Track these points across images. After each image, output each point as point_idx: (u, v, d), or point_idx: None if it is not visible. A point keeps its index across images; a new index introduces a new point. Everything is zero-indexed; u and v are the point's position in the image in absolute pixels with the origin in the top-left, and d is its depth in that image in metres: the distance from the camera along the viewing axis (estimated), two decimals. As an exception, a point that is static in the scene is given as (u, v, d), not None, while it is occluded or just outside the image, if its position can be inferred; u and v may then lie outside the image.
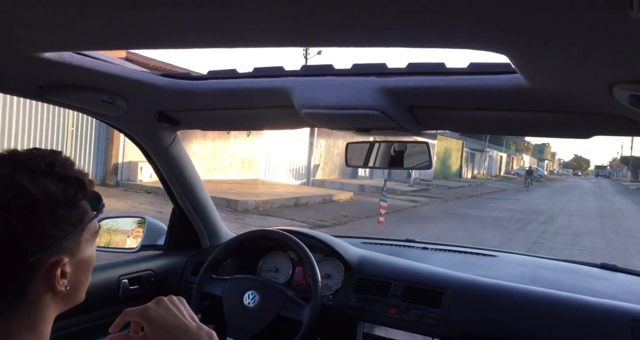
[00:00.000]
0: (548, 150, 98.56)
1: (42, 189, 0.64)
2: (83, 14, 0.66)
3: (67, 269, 0.67)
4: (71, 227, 0.67)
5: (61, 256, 0.66)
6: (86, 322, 1.49)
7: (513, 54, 0.71)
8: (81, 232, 0.69)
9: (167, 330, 0.80)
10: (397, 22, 0.60)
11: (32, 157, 0.67)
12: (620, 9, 0.49)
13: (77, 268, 0.70)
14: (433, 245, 2.07)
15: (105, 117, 1.45)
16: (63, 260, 0.66)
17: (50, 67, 0.97)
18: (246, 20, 0.64)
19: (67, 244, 0.67)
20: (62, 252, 0.66)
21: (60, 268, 0.66)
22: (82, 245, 0.70)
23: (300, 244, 1.58)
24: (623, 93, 0.79)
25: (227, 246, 1.69)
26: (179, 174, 1.74)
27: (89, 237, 0.72)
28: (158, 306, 0.82)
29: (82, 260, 0.70)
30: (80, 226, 0.68)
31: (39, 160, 0.67)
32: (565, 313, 1.37)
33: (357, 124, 1.24)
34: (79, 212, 0.68)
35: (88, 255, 0.72)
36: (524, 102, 1.02)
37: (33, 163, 0.66)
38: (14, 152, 0.69)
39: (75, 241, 0.68)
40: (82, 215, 0.69)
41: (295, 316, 1.50)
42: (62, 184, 0.66)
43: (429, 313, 1.49)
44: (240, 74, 1.22)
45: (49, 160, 0.67)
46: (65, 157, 0.70)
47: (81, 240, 0.70)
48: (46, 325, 0.68)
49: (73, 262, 0.69)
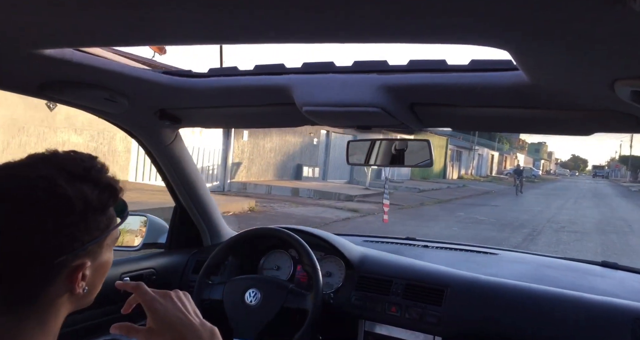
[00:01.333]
0: (544, 149, 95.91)
1: (79, 192, 0.65)
2: (84, 11, 0.66)
3: (87, 272, 0.68)
4: (98, 232, 0.68)
5: (85, 260, 0.67)
6: (87, 320, 1.49)
7: (514, 50, 0.71)
8: (105, 237, 0.70)
9: (171, 325, 0.81)
10: (398, 17, 0.60)
11: (71, 160, 0.69)
12: (622, 4, 0.49)
13: (95, 271, 0.71)
14: (434, 243, 2.07)
15: (106, 115, 1.45)
16: (86, 264, 0.67)
17: (52, 64, 0.97)
18: (247, 17, 0.64)
19: (91, 248, 0.68)
20: (86, 255, 0.67)
21: (82, 271, 0.67)
22: (104, 250, 0.71)
23: (302, 242, 1.58)
24: (625, 89, 0.79)
25: (225, 247, 1.68)
26: (180, 172, 1.74)
27: (110, 242, 0.73)
28: (164, 300, 0.83)
29: (101, 264, 0.72)
30: (107, 232, 0.70)
31: (78, 164, 0.68)
32: (566, 311, 1.37)
33: (358, 122, 1.24)
34: (107, 217, 0.69)
35: (106, 260, 0.73)
36: (525, 99, 1.02)
37: (73, 166, 0.67)
38: (55, 153, 0.70)
39: (99, 245, 0.70)
40: (109, 221, 0.70)
41: (299, 306, 1.50)
42: (97, 189, 0.67)
43: (430, 311, 1.49)
44: (241, 72, 1.21)
45: (87, 165, 0.68)
46: (102, 163, 0.72)
47: (104, 244, 0.71)
48: (56, 324, 0.69)
49: (94, 265, 0.70)
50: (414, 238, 2.18)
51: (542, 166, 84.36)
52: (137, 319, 1.83)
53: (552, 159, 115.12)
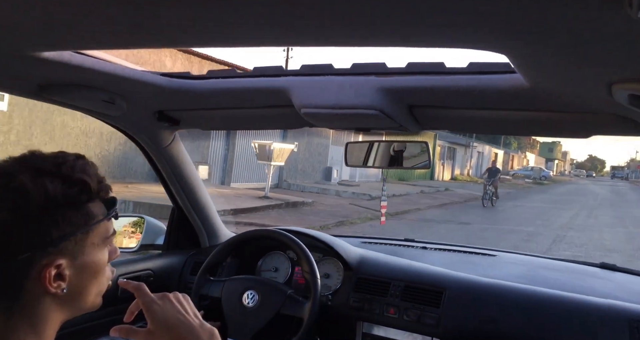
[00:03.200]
0: (558, 149, 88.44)
1: (40, 187, 0.64)
2: (83, 13, 0.66)
3: (66, 272, 0.67)
4: (71, 228, 0.66)
5: (56, 257, 0.66)
6: (85, 322, 1.49)
7: (512, 54, 0.71)
8: (85, 236, 0.68)
9: (170, 327, 0.81)
10: (397, 21, 0.60)
11: (43, 158, 0.69)
12: (619, 8, 0.49)
13: (79, 272, 0.69)
14: (432, 245, 2.07)
15: (105, 117, 1.44)
16: (56, 262, 0.65)
17: (50, 66, 0.97)
18: (245, 19, 0.64)
19: (66, 246, 0.66)
20: (59, 253, 0.66)
21: (57, 270, 0.66)
22: (87, 250, 0.70)
23: (300, 244, 1.58)
24: (622, 92, 0.79)
25: (225, 247, 1.68)
26: (178, 174, 1.74)
27: (98, 241, 0.71)
28: (163, 302, 0.83)
29: (85, 264, 0.70)
30: (83, 229, 0.68)
31: (49, 161, 0.68)
32: (564, 313, 1.37)
33: (357, 124, 1.24)
34: (81, 214, 0.68)
35: (94, 260, 0.71)
36: (523, 101, 1.02)
37: (41, 163, 0.67)
38: (34, 152, 0.70)
39: (78, 244, 0.68)
40: (87, 218, 0.68)
41: (295, 313, 1.50)
42: (66, 185, 0.66)
43: (428, 313, 1.49)
44: (240, 74, 1.22)
45: (58, 161, 0.68)
46: (79, 161, 0.70)
47: (85, 243, 0.69)
48: (48, 328, 0.68)
49: (74, 265, 0.68)
50: (413, 239, 2.18)
51: (555, 167, 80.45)
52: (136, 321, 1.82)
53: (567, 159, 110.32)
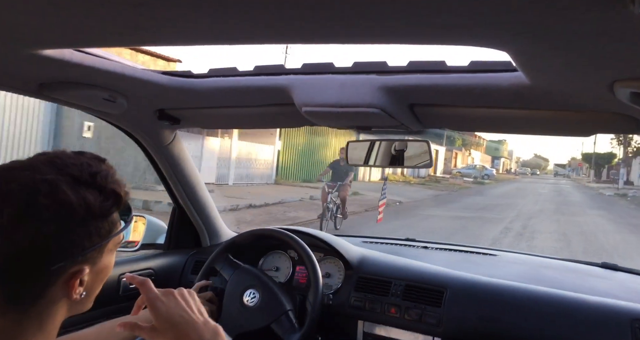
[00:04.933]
0: (504, 147, 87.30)
1: (82, 199, 0.64)
2: (83, 11, 0.66)
3: (86, 278, 0.68)
4: (99, 239, 0.67)
5: (83, 266, 0.66)
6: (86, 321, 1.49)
7: (514, 52, 0.71)
8: (106, 243, 0.69)
9: (173, 324, 0.81)
10: (398, 18, 0.60)
11: (77, 164, 0.68)
12: (622, 6, 0.49)
13: (95, 276, 0.70)
14: (433, 245, 2.07)
15: (106, 115, 1.45)
16: (84, 271, 0.66)
17: (51, 64, 0.97)
18: (246, 17, 0.64)
19: (92, 255, 0.67)
20: (85, 261, 0.67)
21: (80, 277, 0.67)
22: (104, 255, 0.71)
23: (301, 243, 1.58)
24: (624, 91, 0.79)
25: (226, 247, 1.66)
26: (179, 173, 1.74)
27: (112, 247, 0.73)
28: (167, 298, 0.83)
29: (100, 269, 0.71)
30: (108, 238, 0.69)
31: (84, 169, 0.67)
32: (565, 312, 1.37)
33: (358, 122, 1.24)
34: (109, 223, 0.69)
35: (107, 265, 0.73)
36: (524, 100, 1.02)
37: (77, 171, 0.66)
38: (60, 155, 0.69)
39: (99, 251, 0.69)
40: (111, 226, 0.69)
41: (282, 336, 1.43)
42: (101, 196, 0.67)
43: (430, 312, 1.49)
44: (241, 72, 1.21)
45: (92, 170, 0.68)
46: (108, 167, 0.71)
47: (104, 250, 0.70)
48: (54, 327, 0.69)
49: (93, 271, 0.69)
50: (414, 239, 2.18)
51: (502, 165, 78.58)
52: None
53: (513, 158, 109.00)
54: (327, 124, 1.30)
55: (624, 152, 43.55)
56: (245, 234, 1.72)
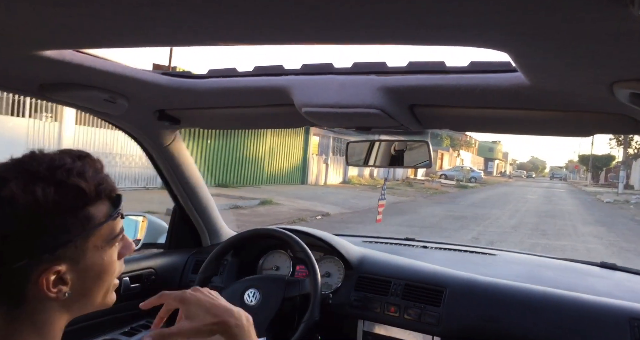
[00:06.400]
0: (499, 148, 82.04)
1: (30, 195, 0.62)
2: (84, 13, 0.66)
3: (68, 276, 0.66)
4: (67, 235, 0.64)
5: (53, 265, 0.64)
6: (87, 320, 1.49)
7: (514, 52, 0.72)
8: (85, 240, 0.66)
9: (207, 309, 0.81)
10: (398, 19, 0.60)
11: (39, 161, 0.65)
12: (621, 7, 0.49)
13: (82, 275, 0.67)
14: (433, 244, 2.07)
15: (106, 116, 1.45)
16: (53, 269, 0.64)
17: (52, 65, 0.97)
18: (246, 18, 0.64)
19: (64, 252, 0.64)
20: (58, 259, 0.64)
21: (56, 276, 0.64)
22: (90, 253, 0.67)
23: (300, 242, 1.58)
24: (623, 91, 0.79)
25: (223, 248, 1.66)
26: (179, 173, 1.75)
27: (101, 243, 0.69)
28: (195, 291, 0.84)
29: (88, 267, 0.68)
30: (81, 234, 0.66)
31: (44, 164, 0.65)
32: (564, 311, 1.38)
33: (358, 123, 1.24)
34: (79, 219, 0.65)
35: (97, 263, 0.69)
36: (524, 100, 1.02)
37: (36, 167, 0.64)
38: (34, 153, 0.67)
39: (79, 248, 0.66)
40: (85, 222, 0.66)
41: (300, 292, 1.50)
42: (59, 191, 0.63)
43: (429, 311, 1.50)
44: (241, 73, 1.22)
45: (53, 165, 0.65)
46: (77, 163, 0.67)
47: (87, 247, 0.67)
48: (53, 330, 0.67)
49: (76, 269, 0.66)
50: (413, 238, 2.18)
51: (496, 167, 75.79)
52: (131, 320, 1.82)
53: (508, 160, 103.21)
54: (326, 124, 1.30)
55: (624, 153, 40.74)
56: (246, 233, 1.72)
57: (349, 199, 14.94)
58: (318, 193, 16.05)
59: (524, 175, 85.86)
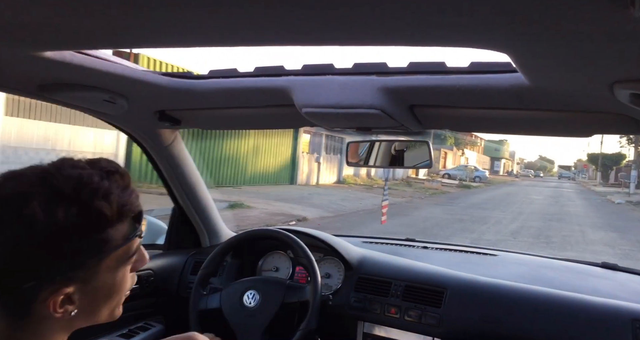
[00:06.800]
0: (505, 148, 78.68)
1: (51, 216, 0.59)
2: (84, 13, 0.66)
3: (76, 297, 0.64)
4: (81, 258, 0.62)
5: (63, 287, 0.62)
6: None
7: (514, 53, 0.71)
8: (99, 262, 0.64)
9: None
10: (398, 20, 0.60)
11: (68, 176, 0.62)
12: (621, 8, 0.49)
13: (91, 295, 0.66)
14: (433, 245, 2.06)
15: (106, 116, 1.45)
16: (63, 291, 0.62)
17: (51, 66, 0.97)
18: (247, 19, 0.64)
19: (76, 274, 0.63)
20: (68, 281, 0.62)
21: (65, 296, 0.63)
22: (101, 274, 0.65)
23: (300, 243, 1.58)
24: (624, 92, 0.79)
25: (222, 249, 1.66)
26: (179, 173, 1.74)
27: (115, 264, 0.67)
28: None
29: (98, 288, 0.66)
30: (96, 257, 0.64)
31: (70, 182, 0.62)
32: (566, 312, 1.37)
33: (358, 123, 1.24)
34: (96, 242, 0.63)
35: (108, 283, 0.67)
36: (524, 101, 1.02)
37: (62, 184, 0.61)
38: (60, 164, 0.64)
39: (91, 270, 0.64)
40: (102, 245, 0.64)
41: (299, 298, 1.49)
42: (82, 214, 0.61)
43: (429, 312, 1.49)
44: (241, 73, 1.22)
45: (80, 183, 0.62)
46: (104, 182, 0.64)
47: (99, 269, 0.65)
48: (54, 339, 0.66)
49: (86, 289, 0.65)
50: (414, 239, 2.18)
51: (502, 166, 73.79)
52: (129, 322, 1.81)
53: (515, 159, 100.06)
54: (327, 124, 1.30)
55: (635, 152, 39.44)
56: (245, 234, 1.72)
57: (336, 201, 13.99)
58: (304, 194, 15.06)
59: (532, 175, 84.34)
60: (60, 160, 0.66)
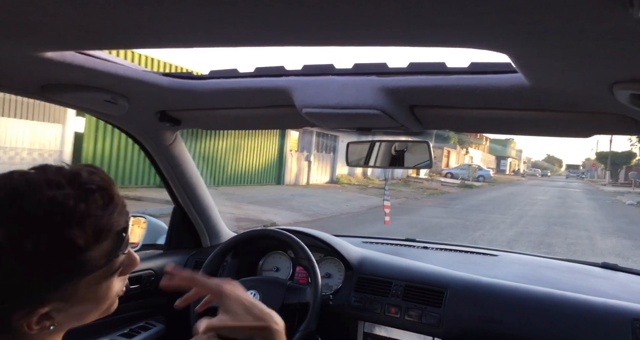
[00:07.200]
0: (512, 146, 77.46)
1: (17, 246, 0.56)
2: (85, 14, 0.66)
3: (54, 314, 0.62)
4: (55, 282, 0.60)
5: (37, 308, 0.60)
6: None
7: (514, 53, 0.72)
8: (77, 283, 0.61)
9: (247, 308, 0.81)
10: (398, 21, 0.60)
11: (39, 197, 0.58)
12: (621, 8, 0.49)
13: (77, 306, 0.64)
14: (434, 245, 2.07)
15: (107, 117, 1.45)
16: (38, 312, 0.60)
17: (53, 66, 0.97)
18: (248, 19, 0.64)
19: (53, 295, 0.61)
20: (44, 301, 0.60)
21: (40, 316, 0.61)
22: (82, 290, 0.63)
23: (300, 243, 1.58)
24: (624, 92, 0.79)
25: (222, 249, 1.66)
26: (180, 174, 1.75)
27: (97, 281, 0.64)
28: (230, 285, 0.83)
29: (79, 302, 0.64)
30: (74, 279, 0.61)
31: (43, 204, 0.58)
32: (566, 312, 1.37)
33: (358, 124, 1.24)
34: (70, 266, 0.60)
35: (90, 298, 0.65)
36: (524, 101, 1.03)
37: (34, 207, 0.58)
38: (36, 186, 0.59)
39: (70, 290, 0.61)
40: (78, 268, 0.60)
41: (300, 300, 1.49)
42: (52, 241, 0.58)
43: (430, 312, 1.49)
44: (242, 74, 1.22)
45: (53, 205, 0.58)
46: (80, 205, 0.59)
47: (79, 287, 0.62)
48: None
49: (67, 305, 0.63)
50: (414, 239, 2.18)
51: (509, 165, 71.18)
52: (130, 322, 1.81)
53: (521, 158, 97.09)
54: (327, 125, 1.30)
55: None
56: (245, 234, 1.72)
57: (319, 203, 12.71)
58: (285, 196, 13.86)
59: (539, 174, 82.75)
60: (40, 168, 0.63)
